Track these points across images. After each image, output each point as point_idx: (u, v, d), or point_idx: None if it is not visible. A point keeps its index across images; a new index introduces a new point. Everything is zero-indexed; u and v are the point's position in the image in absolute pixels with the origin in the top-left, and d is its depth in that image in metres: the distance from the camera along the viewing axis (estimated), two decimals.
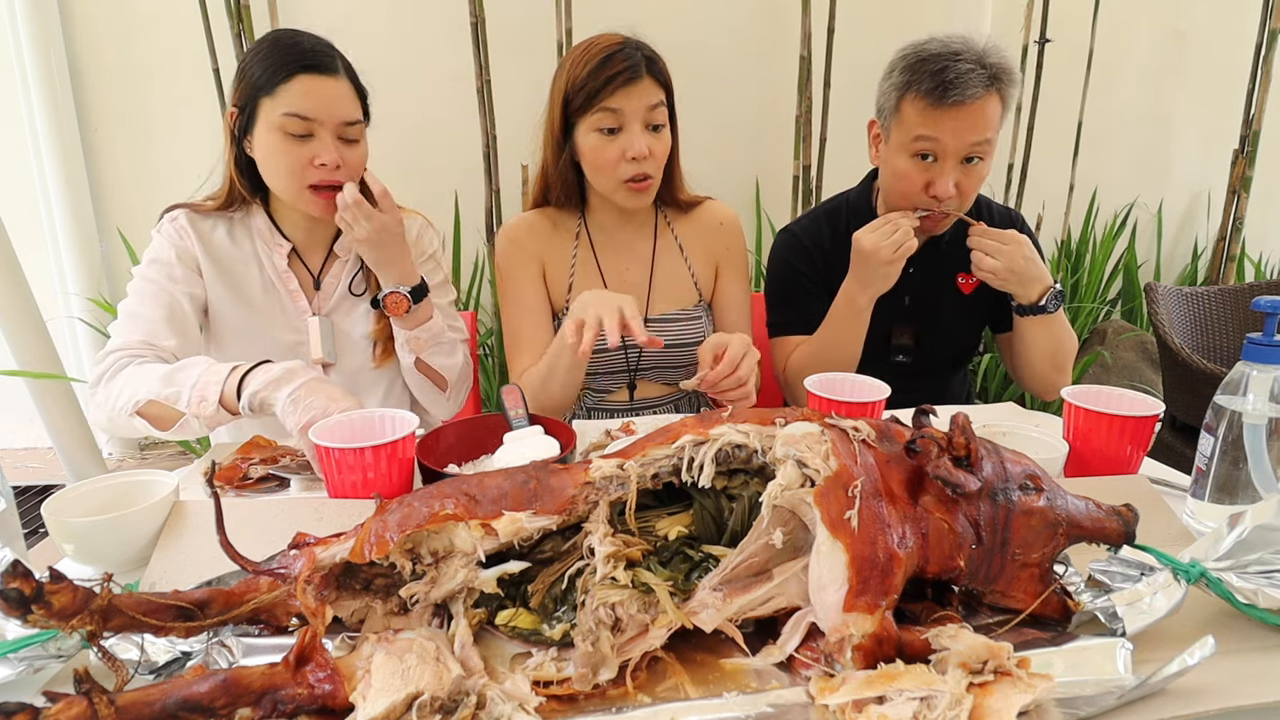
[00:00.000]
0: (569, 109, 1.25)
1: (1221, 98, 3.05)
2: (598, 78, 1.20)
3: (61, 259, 2.73)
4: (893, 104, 1.27)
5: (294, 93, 1.13)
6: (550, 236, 1.39)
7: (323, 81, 1.14)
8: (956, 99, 1.19)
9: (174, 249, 1.21)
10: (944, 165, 1.25)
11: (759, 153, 2.87)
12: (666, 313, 1.40)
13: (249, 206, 1.26)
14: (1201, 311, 2.24)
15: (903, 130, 1.26)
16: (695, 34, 2.73)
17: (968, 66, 1.19)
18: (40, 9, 2.51)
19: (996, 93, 1.22)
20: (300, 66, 1.13)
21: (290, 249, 1.26)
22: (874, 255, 1.25)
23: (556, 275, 1.39)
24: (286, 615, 0.62)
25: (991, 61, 1.20)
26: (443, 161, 2.60)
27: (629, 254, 1.40)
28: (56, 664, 0.59)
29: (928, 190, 1.27)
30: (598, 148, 1.24)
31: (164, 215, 1.25)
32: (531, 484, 0.65)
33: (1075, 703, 0.54)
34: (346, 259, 1.31)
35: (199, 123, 2.58)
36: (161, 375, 1.04)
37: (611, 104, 1.20)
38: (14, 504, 1.08)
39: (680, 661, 0.60)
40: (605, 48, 1.22)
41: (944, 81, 1.19)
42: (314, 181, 1.16)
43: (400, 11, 2.62)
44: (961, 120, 1.21)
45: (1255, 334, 0.79)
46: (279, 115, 1.13)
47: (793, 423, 0.67)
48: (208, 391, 0.99)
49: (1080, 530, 0.65)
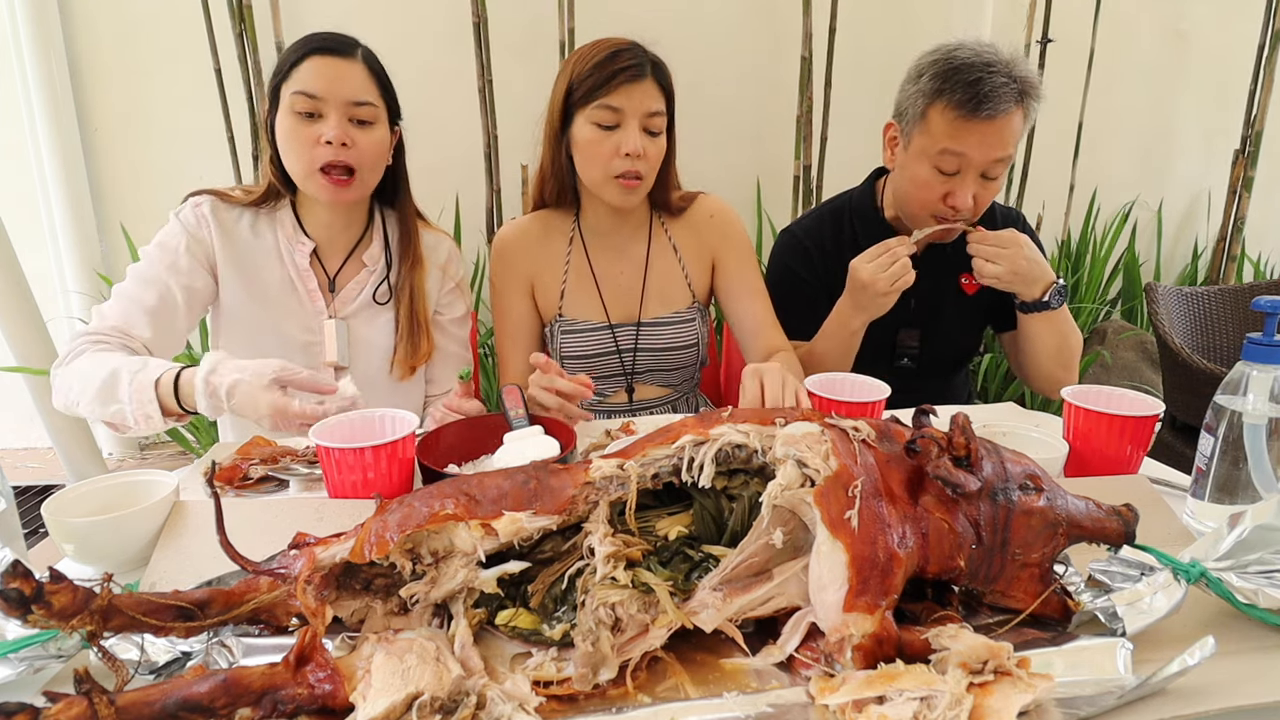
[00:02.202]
0: (570, 100, 1.24)
1: (1222, 98, 3.05)
2: (601, 72, 1.20)
3: (61, 259, 2.73)
4: (919, 110, 1.25)
5: (304, 72, 1.13)
6: (542, 244, 1.38)
7: (333, 62, 1.14)
8: (989, 113, 1.18)
9: (186, 237, 1.20)
10: (965, 178, 1.25)
11: (760, 152, 2.87)
12: (659, 316, 1.39)
13: (278, 201, 1.26)
14: (1201, 311, 2.24)
15: (928, 139, 1.25)
16: (696, 34, 2.73)
17: (1001, 80, 1.18)
18: (40, 9, 2.51)
19: (1022, 108, 1.22)
20: (312, 49, 1.14)
21: (312, 248, 1.25)
22: (870, 285, 1.25)
23: (549, 282, 1.38)
24: (286, 615, 0.62)
25: (1020, 75, 1.20)
26: (444, 161, 2.61)
27: (623, 258, 1.39)
28: (56, 664, 0.59)
29: (945, 200, 1.27)
30: (593, 140, 1.23)
31: (187, 199, 1.24)
32: (531, 484, 0.65)
33: (1075, 703, 0.54)
34: (373, 269, 1.29)
35: (200, 123, 2.58)
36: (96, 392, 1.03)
37: (612, 101, 1.20)
38: (14, 504, 1.08)
39: (680, 661, 0.60)
40: (613, 45, 1.22)
41: (978, 94, 1.18)
42: (323, 163, 1.15)
43: (402, 11, 2.62)
44: (989, 134, 1.21)
45: (1255, 334, 0.79)
46: (289, 95, 1.14)
47: (793, 423, 0.67)
48: (148, 410, 1.00)
49: (1080, 530, 0.65)
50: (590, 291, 1.38)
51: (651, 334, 1.39)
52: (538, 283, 1.39)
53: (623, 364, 1.39)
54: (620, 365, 1.40)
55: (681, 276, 1.41)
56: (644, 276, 1.39)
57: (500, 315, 1.40)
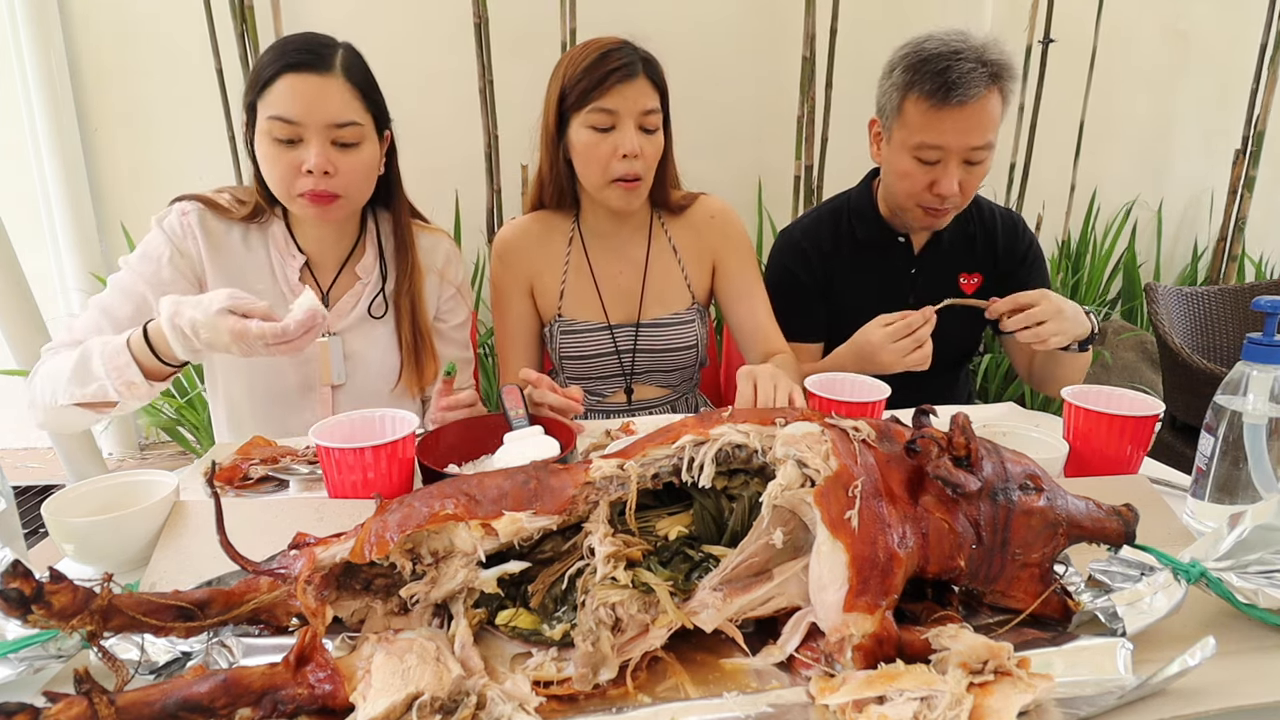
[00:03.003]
0: (564, 105, 1.23)
1: (1222, 98, 3.05)
2: (593, 74, 1.19)
3: (61, 259, 2.73)
4: (895, 104, 1.26)
5: (278, 94, 1.05)
6: (542, 245, 1.38)
7: (308, 80, 1.06)
8: (959, 99, 1.19)
9: (170, 248, 1.14)
10: (948, 166, 1.25)
11: (761, 152, 2.87)
12: (658, 317, 1.39)
13: (269, 215, 1.21)
14: (1201, 311, 2.24)
15: (906, 131, 1.26)
16: (698, 34, 2.73)
17: (969, 65, 1.18)
18: (40, 9, 2.51)
19: (998, 90, 1.22)
20: (285, 65, 1.06)
21: (304, 262, 1.21)
22: (878, 353, 1.22)
23: (549, 283, 1.38)
24: (286, 615, 0.62)
25: (991, 58, 1.20)
26: (444, 161, 2.61)
27: (622, 259, 1.39)
28: (56, 664, 0.59)
29: (931, 189, 1.27)
30: (590, 144, 1.22)
31: (173, 204, 1.17)
32: (532, 484, 0.65)
33: (1075, 703, 0.54)
34: (367, 281, 1.25)
35: (200, 123, 2.58)
36: (71, 374, 0.99)
37: (606, 103, 1.19)
38: (14, 504, 1.08)
39: (680, 661, 0.60)
40: (602, 46, 1.21)
41: (946, 82, 1.18)
42: (304, 191, 1.09)
43: (404, 11, 2.62)
44: (964, 121, 1.21)
45: (1255, 334, 0.79)
46: (265, 119, 1.06)
47: (793, 423, 0.67)
48: (128, 375, 0.95)
49: (1080, 530, 0.65)
50: (590, 292, 1.38)
51: (650, 335, 1.39)
52: (538, 283, 1.38)
53: (621, 365, 1.39)
54: (619, 366, 1.39)
55: (681, 278, 1.41)
56: (643, 277, 1.39)
57: (500, 316, 1.40)
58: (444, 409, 1.08)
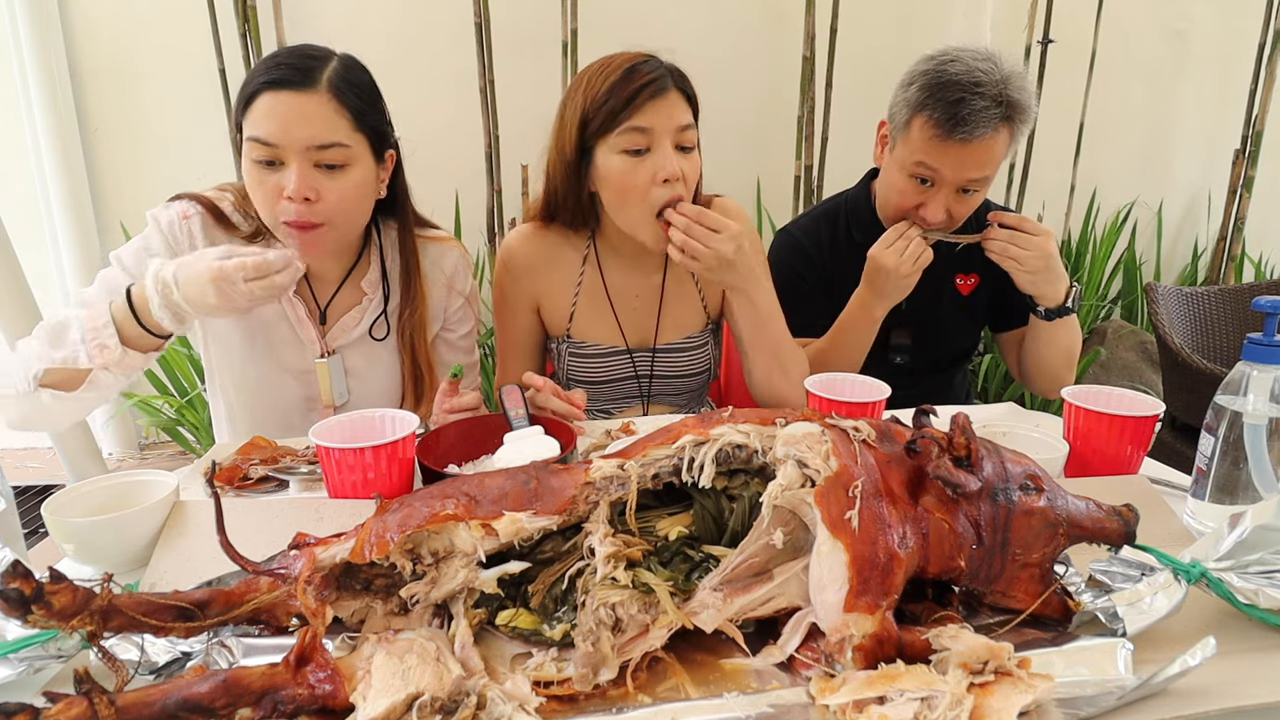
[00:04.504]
0: (586, 131, 1.13)
1: (1222, 98, 3.05)
2: (621, 92, 1.09)
3: (61, 259, 2.73)
4: (904, 119, 1.25)
5: (258, 113, 1.00)
6: (551, 262, 1.30)
7: (287, 98, 0.99)
8: (964, 136, 1.18)
9: (165, 250, 1.10)
10: (938, 192, 1.26)
11: (761, 153, 2.87)
12: (672, 342, 1.34)
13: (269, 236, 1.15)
14: (1201, 311, 2.24)
15: (908, 148, 1.25)
16: (698, 34, 2.73)
17: (984, 104, 1.17)
18: (40, 9, 2.51)
19: (1007, 129, 1.21)
20: (265, 82, 0.99)
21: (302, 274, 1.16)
22: (895, 271, 1.25)
23: (558, 302, 1.31)
24: (286, 615, 0.62)
25: (1010, 96, 1.18)
26: (445, 162, 2.60)
27: (639, 280, 1.32)
28: (56, 664, 0.59)
29: (918, 210, 1.28)
30: (625, 172, 1.11)
31: (171, 202, 1.13)
32: (532, 484, 0.65)
33: (1076, 703, 0.54)
34: (372, 297, 1.21)
35: (200, 123, 2.58)
36: (45, 340, 0.96)
37: (639, 122, 1.08)
38: (14, 504, 1.08)
39: (680, 662, 0.60)
40: (626, 60, 1.12)
41: (957, 116, 1.17)
42: (287, 218, 1.02)
43: (404, 12, 2.62)
44: (967, 156, 1.21)
45: (1255, 334, 0.79)
46: (246, 139, 1.01)
47: (793, 423, 0.67)
48: (103, 337, 0.92)
49: (1081, 530, 0.65)
50: (604, 314, 1.32)
51: (666, 360, 1.34)
52: (545, 300, 1.33)
53: (640, 387, 1.36)
54: (636, 388, 1.36)
55: (697, 298, 1.35)
56: (660, 302, 1.33)
57: (502, 326, 1.36)
58: (448, 411, 1.06)
